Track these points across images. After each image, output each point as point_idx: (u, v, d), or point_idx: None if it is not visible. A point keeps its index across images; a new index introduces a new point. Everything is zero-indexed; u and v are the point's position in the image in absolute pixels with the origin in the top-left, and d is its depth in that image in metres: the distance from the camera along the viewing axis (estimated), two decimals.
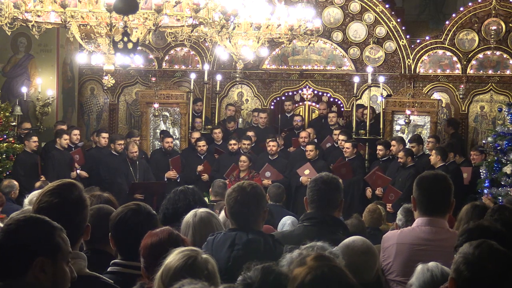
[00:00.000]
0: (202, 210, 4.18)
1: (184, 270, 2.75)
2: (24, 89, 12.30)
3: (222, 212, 4.54)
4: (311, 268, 2.31)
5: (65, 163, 10.95)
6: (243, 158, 10.76)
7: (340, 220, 4.31)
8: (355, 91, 12.51)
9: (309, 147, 11.13)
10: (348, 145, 11.05)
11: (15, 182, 9.38)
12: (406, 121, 11.79)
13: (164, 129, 12.67)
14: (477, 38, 13.14)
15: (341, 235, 4.11)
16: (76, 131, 11.61)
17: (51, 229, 2.59)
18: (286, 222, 6.37)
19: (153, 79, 13.45)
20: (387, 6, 13.54)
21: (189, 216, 4.12)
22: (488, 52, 13.11)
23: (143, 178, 11.19)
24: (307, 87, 13.91)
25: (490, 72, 13.17)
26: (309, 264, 2.35)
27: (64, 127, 11.72)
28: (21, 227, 2.54)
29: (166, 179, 11.36)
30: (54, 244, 2.57)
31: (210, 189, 7.97)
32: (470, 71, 13.22)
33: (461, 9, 13.40)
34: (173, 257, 2.82)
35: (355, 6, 13.47)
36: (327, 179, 4.25)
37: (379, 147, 11.07)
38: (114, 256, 3.76)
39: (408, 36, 13.48)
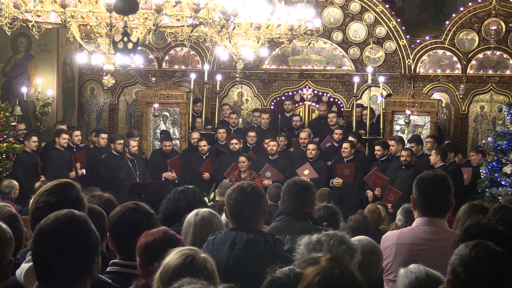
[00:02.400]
0: (204, 210, 4.20)
1: (183, 269, 2.76)
2: (24, 89, 12.31)
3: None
4: (322, 268, 2.32)
5: (64, 163, 10.94)
6: (241, 158, 10.77)
7: (308, 212, 4.46)
8: (355, 91, 12.52)
9: (311, 146, 11.15)
10: (346, 145, 11.02)
11: (15, 182, 9.39)
12: (406, 121, 11.79)
13: (164, 129, 12.67)
14: (477, 38, 13.14)
15: (310, 224, 4.31)
16: (77, 132, 11.61)
17: (91, 226, 2.53)
18: None
19: (153, 79, 13.45)
20: (387, 6, 13.54)
21: (191, 215, 4.13)
22: (488, 52, 13.11)
23: (142, 177, 11.21)
24: (307, 87, 13.91)
25: (490, 72, 13.17)
26: (321, 264, 2.35)
27: (64, 126, 11.72)
28: (74, 230, 2.45)
29: (164, 179, 11.35)
30: (98, 242, 2.56)
31: (214, 190, 7.96)
32: (470, 71, 13.22)
33: (461, 9, 13.40)
34: (172, 256, 2.82)
35: (355, 6, 13.47)
36: (297, 181, 4.54)
37: (376, 147, 11.06)
38: (107, 254, 3.76)
39: (408, 36, 13.49)
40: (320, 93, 13.94)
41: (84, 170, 11.17)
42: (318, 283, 2.26)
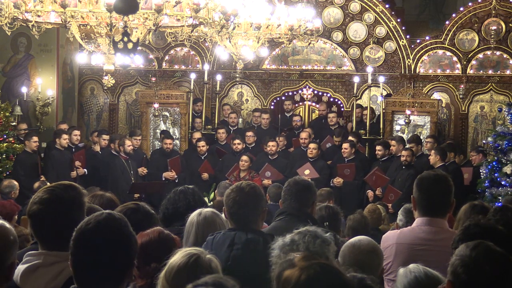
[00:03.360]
0: (207, 209, 4.20)
1: (188, 267, 2.77)
2: (24, 89, 12.31)
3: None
4: (302, 268, 2.29)
5: (65, 163, 10.96)
6: (244, 158, 10.77)
7: (308, 213, 4.42)
8: (355, 91, 12.51)
9: (312, 145, 11.16)
10: (346, 145, 11.01)
11: (15, 182, 9.39)
12: (406, 121, 11.79)
13: (164, 129, 12.67)
14: (477, 38, 13.14)
15: (310, 224, 4.19)
16: (77, 132, 11.62)
17: (131, 230, 2.57)
18: None
19: (153, 79, 13.45)
20: (387, 6, 13.54)
21: (193, 215, 4.13)
22: (488, 52, 13.11)
23: (136, 176, 11.16)
24: (307, 87, 13.91)
25: (490, 72, 13.17)
26: (299, 264, 2.33)
27: (65, 126, 11.73)
28: (115, 233, 2.47)
29: (164, 179, 11.35)
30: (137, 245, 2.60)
31: (215, 190, 7.95)
32: (470, 71, 13.22)
33: (461, 9, 13.40)
34: (177, 256, 2.84)
35: (355, 6, 13.47)
36: (298, 181, 4.51)
37: (377, 147, 11.05)
38: None
39: (408, 36, 13.48)
40: (320, 93, 13.94)
41: (85, 170, 11.20)
42: (304, 282, 2.25)
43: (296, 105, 13.96)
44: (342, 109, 13.79)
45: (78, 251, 2.46)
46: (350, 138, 11.38)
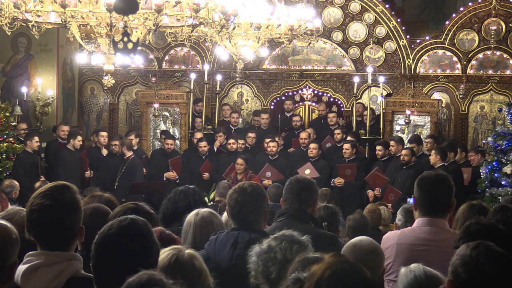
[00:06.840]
0: (204, 210, 4.20)
1: (171, 267, 2.78)
2: (24, 89, 12.31)
3: (225, 213, 4.56)
4: (330, 263, 2.33)
5: (75, 163, 10.95)
6: (239, 161, 10.75)
7: (309, 213, 4.38)
8: (355, 91, 12.51)
9: (313, 145, 11.17)
10: (347, 145, 11.02)
11: (16, 182, 9.39)
12: (406, 121, 11.79)
13: (164, 129, 12.67)
14: (477, 38, 13.14)
15: (312, 226, 4.23)
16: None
17: (154, 237, 2.65)
18: None
19: (153, 79, 13.46)
20: (387, 6, 13.54)
21: (191, 215, 4.13)
22: (488, 52, 13.11)
23: (128, 176, 11.12)
24: (307, 87, 13.91)
25: (490, 72, 13.17)
26: (327, 260, 2.37)
27: (67, 127, 11.68)
28: (136, 240, 2.52)
29: (165, 179, 11.35)
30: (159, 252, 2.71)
31: (214, 191, 7.96)
32: (470, 71, 13.22)
33: (461, 9, 13.41)
34: (160, 256, 2.84)
35: (355, 6, 13.47)
36: (300, 179, 4.46)
37: (378, 147, 11.07)
38: None
39: (408, 36, 13.49)
40: (320, 93, 13.94)
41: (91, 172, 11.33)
42: (329, 277, 2.26)
43: (296, 105, 13.96)
44: (342, 109, 13.79)
45: (99, 256, 2.49)
46: (350, 138, 11.38)
